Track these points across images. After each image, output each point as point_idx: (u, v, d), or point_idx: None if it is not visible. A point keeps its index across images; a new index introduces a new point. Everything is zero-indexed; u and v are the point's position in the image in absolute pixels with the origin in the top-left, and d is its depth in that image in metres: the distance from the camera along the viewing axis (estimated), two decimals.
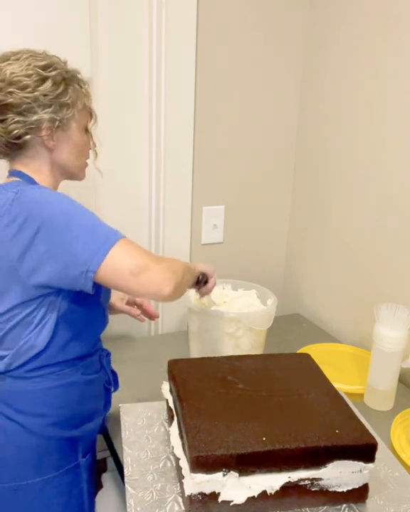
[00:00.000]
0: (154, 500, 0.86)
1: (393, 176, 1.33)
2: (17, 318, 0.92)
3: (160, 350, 1.47)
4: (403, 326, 1.15)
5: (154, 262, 0.87)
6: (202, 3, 1.40)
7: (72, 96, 0.95)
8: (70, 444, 1.01)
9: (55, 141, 0.96)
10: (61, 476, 1.00)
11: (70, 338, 0.97)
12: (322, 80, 1.54)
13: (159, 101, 1.43)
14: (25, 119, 0.91)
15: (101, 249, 0.84)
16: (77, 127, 0.99)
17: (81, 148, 1.01)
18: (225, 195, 1.64)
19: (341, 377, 1.29)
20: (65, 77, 0.95)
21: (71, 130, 0.97)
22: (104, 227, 0.87)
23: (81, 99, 0.98)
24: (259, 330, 1.29)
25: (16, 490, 0.97)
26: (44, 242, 0.85)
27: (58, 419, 0.98)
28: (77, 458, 1.02)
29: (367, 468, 0.85)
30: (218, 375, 0.99)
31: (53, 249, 0.85)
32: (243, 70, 1.53)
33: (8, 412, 0.96)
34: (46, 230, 0.85)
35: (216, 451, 0.79)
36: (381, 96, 1.34)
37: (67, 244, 0.84)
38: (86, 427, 1.03)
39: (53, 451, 0.99)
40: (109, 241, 0.85)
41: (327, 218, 1.59)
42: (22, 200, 0.87)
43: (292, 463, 0.83)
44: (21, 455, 0.97)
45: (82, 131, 1.01)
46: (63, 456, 1.00)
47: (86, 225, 0.86)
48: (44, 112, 0.91)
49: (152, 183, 1.51)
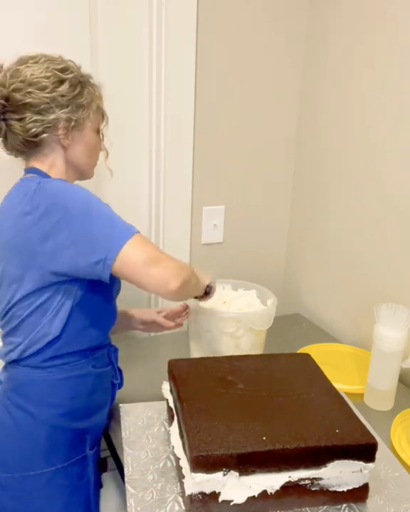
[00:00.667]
0: (154, 500, 0.86)
1: (393, 174, 1.33)
2: (34, 305, 0.95)
3: (160, 350, 1.47)
4: (403, 326, 1.15)
5: (166, 256, 0.92)
6: (202, 3, 1.40)
7: (87, 98, 1.00)
8: (79, 436, 1.02)
9: (70, 140, 1.01)
10: (69, 466, 1.01)
11: (83, 328, 1.00)
12: (323, 79, 1.54)
13: (159, 101, 1.43)
14: (43, 118, 0.96)
15: (121, 238, 0.89)
16: (91, 128, 1.04)
17: (93, 147, 1.06)
18: (225, 195, 1.64)
19: (341, 377, 1.29)
20: (81, 80, 1.00)
21: (86, 130, 1.02)
22: (121, 220, 0.93)
23: (95, 101, 1.03)
24: (259, 330, 1.29)
25: (24, 479, 0.98)
26: (66, 230, 0.89)
27: (69, 409, 1.00)
28: (85, 450, 1.04)
29: (367, 468, 0.85)
30: (218, 375, 0.99)
31: (74, 237, 0.89)
32: (243, 69, 1.53)
33: (20, 401, 0.98)
34: (68, 218, 0.89)
35: (216, 451, 0.80)
36: (381, 96, 1.34)
37: (88, 232, 0.89)
38: (94, 419, 1.05)
39: (63, 441, 1.00)
40: (128, 232, 0.90)
41: (327, 218, 1.59)
42: (44, 189, 0.92)
43: (293, 463, 0.83)
44: (31, 445, 0.98)
45: (95, 132, 1.05)
46: (72, 447, 1.02)
47: (105, 216, 0.92)
48: (61, 112, 0.97)
49: (152, 183, 1.51)
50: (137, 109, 1.43)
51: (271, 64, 1.56)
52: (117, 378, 1.14)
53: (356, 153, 1.44)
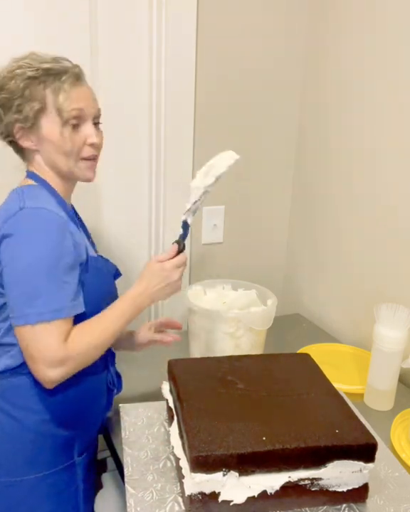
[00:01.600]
0: (154, 500, 0.85)
1: (393, 174, 1.33)
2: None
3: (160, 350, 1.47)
4: (403, 326, 1.15)
5: (49, 364, 0.87)
6: (202, 3, 1.40)
7: (35, 94, 0.95)
8: (66, 442, 1.01)
9: (34, 141, 0.98)
10: (56, 474, 1.00)
11: None
12: (324, 78, 1.54)
13: (159, 101, 1.43)
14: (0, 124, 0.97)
15: (24, 317, 0.88)
16: (52, 123, 0.96)
17: (60, 144, 0.97)
18: (225, 195, 1.63)
19: (341, 377, 1.29)
20: (31, 76, 0.94)
21: (44, 128, 0.96)
22: (51, 298, 0.88)
23: (49, 96, 0.95)
24: (259, 330, 1.29)
25: (9, 486, 0.97)
26: (6, 272, 0.90)
27: (56, 415, 0.98)
28: (73, 456, 1.02)
29: (367, 468, 0.85)
30: (218, 375, 0.99)
31: (8, 283, 0.90)
32: (243, 69, 1.53)
33: (6, 406, 0.97)
34: (10, 267, 0.90)
35: (216, 451, 0.79)
36: (381, 97, 1.34)
37: (12, 288, 0.90)
38: (84, 425, 1.03)
39: (48, 448, 0.99)
40: (36, 316, 0.87)
41: (327, 218, 1.59)
42: (17, 220, 0.91)
43: (292, 463, 0.82)
44: (16, 451, 0.97)
45: (63, 129, 0.96)
46: (58, 454, 1.00)
47: (36, 287, 0.88)
48: (10, 114, 0.95)
49: (152, 182, 1.51)
50: (137, 108, 1.42)
51: (272, 63, 1.56)
52: (113, 383, 1.11)
53: (356, 152, 1.44)
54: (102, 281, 1.04)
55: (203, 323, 1.29)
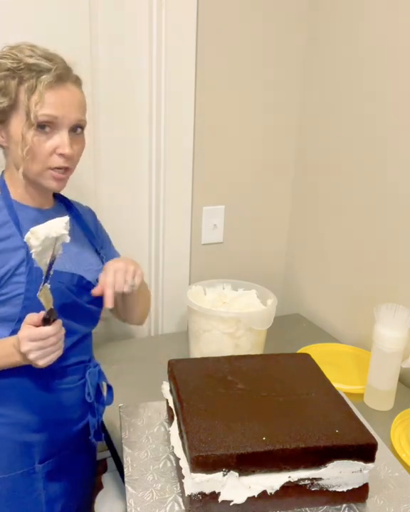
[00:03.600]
0: (154, 500, 0.85)
1: (393, 173, 1.33)
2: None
3: (160, 350, 1.47)
4: (403, 326, 1.15)
5: None
6: (202, 4, 1.40)
7: (7, 87, 0.89)
8: (25, 448, 0.99)
9: (4, 137, 0.94)
10: (12, 479, 0.98)
11: None
12: (323, 78, 1.54)
13: (159, 101, 1.43)
14: None
15: None
16: (21, 122, 0.90)
17: (33, 149, 0.90)
18: (225, 195, 1.63)
19: (341, 377, 1.29)
20: (10, 67, 0.89)
21: (11, 126, 0.92)
22: None
23: (21, 93, 0.89)
24: (259, 330, 1.29)
25: None
26: None
27: (15, 421, 0.97)
28: (33, 463, 1.00)
29: (367, 468, 0.85)
30: (218, 375, 0.99)
31: None
32: (243, 69, 1.53)
33: None
34: None
35: (216, 451, 0.79)
36: (381, 97, 1.34)
37: None
38: (47, 434, 1.01)
39: (4, 452, 0.97)
40: None
41: (327, 218, 1.59)
42: None
43: (292, 463, 0.82)
44: None
45: (31, 132, 0.89)
46: (15, 459, 0.98)
47: None
48: None
49: (152, 182, 1.51)
50: (137, 108, 1.42)
51: (272, 63, 1.56)
52: (91, 397, 1.05)
53: (357, 152, 1.44)
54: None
55: (203, 323, 1.29)
